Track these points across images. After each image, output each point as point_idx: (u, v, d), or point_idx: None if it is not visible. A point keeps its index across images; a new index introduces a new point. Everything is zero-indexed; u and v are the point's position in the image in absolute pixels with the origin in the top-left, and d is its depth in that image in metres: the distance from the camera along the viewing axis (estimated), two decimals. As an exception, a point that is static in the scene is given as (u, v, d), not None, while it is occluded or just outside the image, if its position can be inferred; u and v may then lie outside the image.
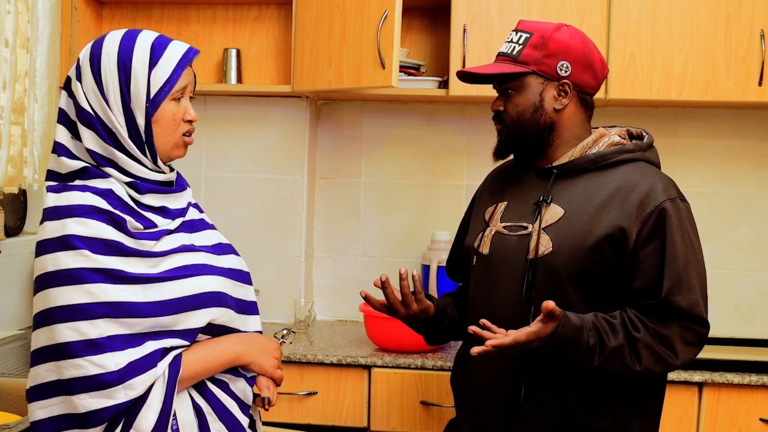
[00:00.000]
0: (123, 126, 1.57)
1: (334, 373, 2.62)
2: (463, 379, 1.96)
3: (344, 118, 3.20)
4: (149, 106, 1.57)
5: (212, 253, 1.68)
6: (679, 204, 1.80)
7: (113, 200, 1.55)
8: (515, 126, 1.87)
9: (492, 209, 1.96)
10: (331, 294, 3.22)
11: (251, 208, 3.11)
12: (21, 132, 2.53)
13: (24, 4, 2.52)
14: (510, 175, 2.00)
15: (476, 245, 1.94)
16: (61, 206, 1.53)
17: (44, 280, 1.52)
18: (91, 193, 1.54)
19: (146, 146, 1.59)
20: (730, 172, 3.06)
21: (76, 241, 1.50)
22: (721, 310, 3.04)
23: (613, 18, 2.76)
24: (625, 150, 1.86)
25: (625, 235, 1.76)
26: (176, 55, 1.60)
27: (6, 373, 2.32)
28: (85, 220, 1.51)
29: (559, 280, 1.79)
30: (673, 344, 1.74)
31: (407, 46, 3.12)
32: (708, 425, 2.51)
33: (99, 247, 1.51)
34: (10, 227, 2.77)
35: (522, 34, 1.87)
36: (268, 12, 3.14)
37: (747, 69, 2.72)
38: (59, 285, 1.50)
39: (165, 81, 1.58)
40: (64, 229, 1.51)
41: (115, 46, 1.58)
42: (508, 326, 1.74)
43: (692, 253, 1.78)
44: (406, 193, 3.18)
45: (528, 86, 1.85)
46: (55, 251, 1.51)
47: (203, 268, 1.62)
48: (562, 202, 1.84)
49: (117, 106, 1.57)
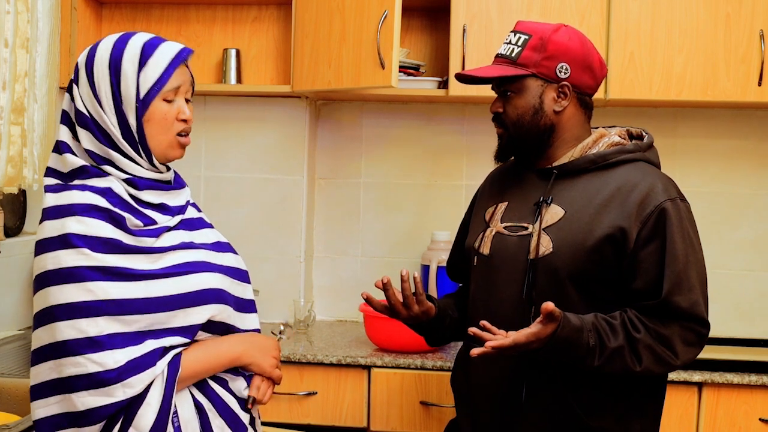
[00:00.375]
0: (116, 126, 1.59)
1: (334, 374, 2.62)
2: (464, 380, 1.96)
3: (344, 118, 3.20)
4: (139, 106, 1.58)
5: (212, 251, 1.68)
6: (680, 204, 1.80)
7: (112, 198, 1.56)
8: (515, 128, 1.87)
9: (492, 210, 1.96)
10: (331, 294, 3.21)
11: (251, 209, 3.11)
12: (21, 132, 2.53)
13: (24, 5, 2.52)
14: (510, 175, 2.00)
15: (477, 246, 1.94)
16: (61, 205, 1.54)
17: (44, 278, 1.53)
18: (90, 192, 1.55)
19: (140, 146, 1.60)
20: (730, 172, 3.06)
21: (76, 240, 1.51)
22: (721, 310, 3.04)
23: (612, 18, 2.76)
24: (625, 150, 1.86)
25: (625, 236, 1.76)
26: (167, 55, 1.61)
27: (6, 373, 2.31)
28: (84, 219, 1.52)
29: (560, 281, 1.79)
30: (674, 344, 1.74)
31: (407, 47, 3.12)
32: (708, 425, 2.51)
33: (98, 245, 1.52)
34: (10, 227, 2.77)
35: (520, 35, 1.86)
36: (268, 12, 3.14)
37: (746, 69, 2.72)
38: (59, 283, 1.50)
39: (155, 81, 1.59)
40: (64, 228, 1.52)
41: (108, 48, 1.61)
42: (508, 327, 1.74)
43: (692, 253, 1.78)
44: (406, 193, 3.18)
45: (527, 88, 1.85)
46: (55, 250, 1.52)
47: (203, 265, 1.63)
48: (563, 203, 1.84)
49: (109, 107, 1.58)
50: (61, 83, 2.93)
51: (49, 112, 2.68)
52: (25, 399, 2.20)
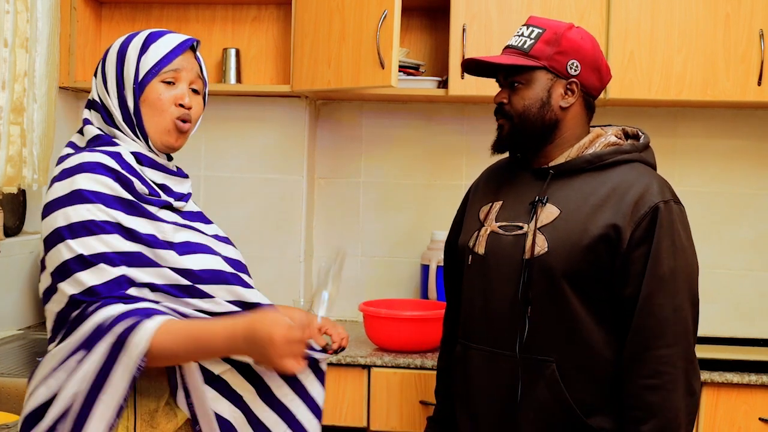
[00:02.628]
0: (117, 108, 1.62)
1: (334, 373, 2.62)
2: (462, 379, 1.96)
3: (343, 118, 3.20)
4: (136, 87, 1.61)
5: (215, 239, 1.68)
6: (673, 206, 1.79)
7: (121, 161, 1.56)
8: (520, 119, 1.86)
9: (487, 208, 1.95)
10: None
11: (250, 208, 3.11)
12: (20, 132, 2.53)
13: (23, 4, 2.52)
14: (505, 174, 1.99)
15: (471, 245, 1.93)
16: (70, 166, 1.54)
17: (58, 234, 1.49)
18: (100, 153, 1.55)
19: (137, 128, 1.62)
20: (730, 172, 3.06)
21: (88, 194, 1.50)
22: (720, 309, 3.04)
23: (612, 17, 2.76)
24: (622, 151, 1.86)
25: (619, 235, 1.76)
26: (169, 42, 1.65)
27: (5, 373, 2.31)
28: (94, 176, 1.51)
29: (555, 280, 1.78)
30: (680, 417, 1.74)
31: (406, 46, 3.12)
32: (707, 425, 2.51)
33: (111, 201, 1.51)
34: (10, 227, 2.77)
35: (534, 29, 1.86)
36: (268, 12, 3.14)
37: (746, 69, 2.71)
38: (75, 237, 1.47)
39: (154, 63, 1.62)
40: (74, 185, 1.50)
41: (120, 40, 1.67)
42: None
43: (682, 257, 1.77)
44: (406, 192, 3.18)
45: (536, 81, 1.85)
46: (65, 206, 1.49)
47: (208, 248, 1.63)
48: (558, 202, 1.83)
49: (113, 91, 1.63)
50: (61, 83, 2.93)
51: (48, 112, 2.68)
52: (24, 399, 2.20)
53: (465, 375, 1.94)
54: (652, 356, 1.74)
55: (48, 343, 1.56)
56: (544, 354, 1.80)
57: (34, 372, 1.53)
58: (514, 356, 1.81)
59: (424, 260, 2.99)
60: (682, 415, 1.74)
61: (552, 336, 1.80)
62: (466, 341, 1.93)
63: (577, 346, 1.79)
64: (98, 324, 1.45)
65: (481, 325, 1.89)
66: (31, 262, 2.84)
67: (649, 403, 1.73)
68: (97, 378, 1.44)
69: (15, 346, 2.58)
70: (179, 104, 1.64)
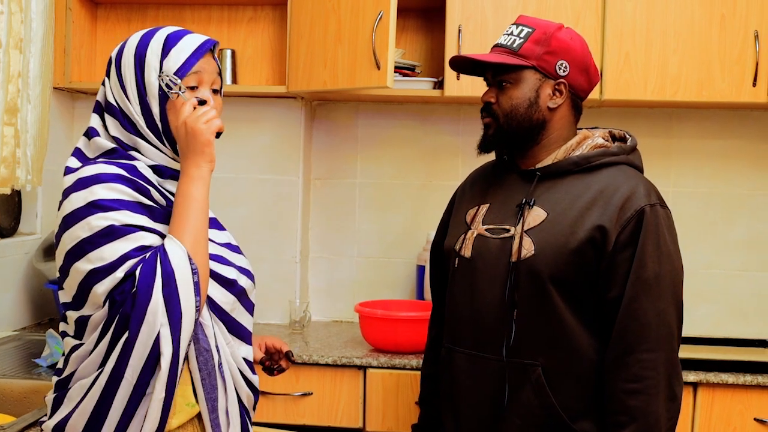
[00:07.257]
0: (140, 115, 1.60)
1: (330, 374, 2.62)
2: (447, 383, 1.94)
3: (339, 119, 3.20)
4: (161, 95, 1.59)
5: (228, 249, 1.70)
6: (659, 210, 1.78)
7: (137, 174, 1.56)
8: (507, 119, 1.85)
9: (474, 211, 1.93)
10: (327, 295, 3.21)
11: (246, 209, 3.11)
12: (14, 133, 2.53)
13: (17, 5, 2.52)
14: (492, 176, 1.98)
15: (458, 248, 1.92)
16: (86, 176, 1.53)
17: (81, 245, 1.49)
18: (116, 166, 1.55)
19: (163, 135, 1.61)
20: (725, 173, 3.06)
21: (108, 203, 1.49)
22: (715, 310, 3.05)
23: (607, 18, 2.76)
24: (609, 153, 1.85)
25: (605, 237, 1.75)
26: (190, 45, 1.62)
27: (1, 374, 2.31)
28: (113, 185, 1.51)
29: (542, 283, 1.77)
30: (660, 422, 1.73)
31: (402, 47, 3.12)
32: (703, 425, 2.51)
33: (132, 207, 1.51)
34: (5, 228, 2.77)
35: (523, 28, 1.85)
36: (263, 13, 3.14)
37: (741, 70, 2.72)
38: (99, 247, 1.48)
39: (177, 69, 1.59)
40: (92, 195, 1.50)
41: (135, 42, 1.63)
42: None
43: (667, 261, 1.76)
44: (402, 193, 3.18)
45: (525, 80, 1.84)
46: (86, 217, 1.49)
47: (221, 258, 1.66)
48: (545, 205, 1.82)
49: (134, 97, 1.60)
50: (56, 83, 2.93)
51: (42, 113, 2.67)
52: (20, 399, 2.20)
53: (450, 379, 1.92)
54: (635, 360, 1.72)
55: (70, 351, 1.55)
56: (530, 358, 1.79)
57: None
58: (500, 360, 1.81)
59: (420, 261, 2.99)
60: (663, 420, 1.73)
61: (538, 340, 1.79)
62: (451, 345, 1.92)
63: (563, 350, 1.78)
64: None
65: (467, 329, 1.88)
66: (26, 263, 2.84)
67: (630, 408, 1.72)
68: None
69: (10, 347, 2.58)
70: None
